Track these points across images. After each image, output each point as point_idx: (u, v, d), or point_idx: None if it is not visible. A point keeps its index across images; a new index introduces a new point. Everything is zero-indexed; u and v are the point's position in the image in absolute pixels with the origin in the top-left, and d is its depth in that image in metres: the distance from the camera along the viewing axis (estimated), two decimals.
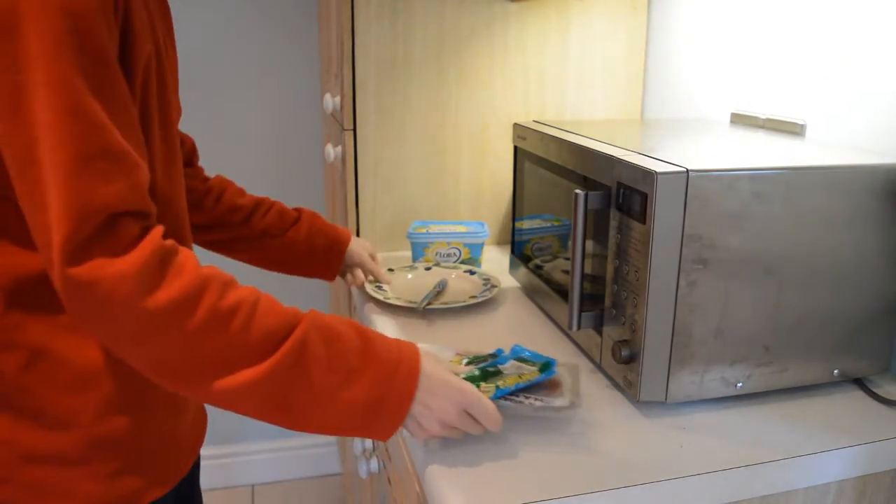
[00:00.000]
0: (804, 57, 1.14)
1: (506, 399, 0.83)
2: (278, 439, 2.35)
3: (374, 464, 1.36)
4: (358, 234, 1.51)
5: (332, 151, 1.55)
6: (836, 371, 0.93)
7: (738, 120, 1.27)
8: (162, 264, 0.65)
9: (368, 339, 0.73)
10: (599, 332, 0.96)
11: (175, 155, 0.84)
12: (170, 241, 0.67)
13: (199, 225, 1.11)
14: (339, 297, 1.84)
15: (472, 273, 1.32)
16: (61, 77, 0.61)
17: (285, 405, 0.69)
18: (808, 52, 1.13)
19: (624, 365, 0.89)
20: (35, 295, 0.73)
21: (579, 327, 0.96)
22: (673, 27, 1.47)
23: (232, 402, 0.68)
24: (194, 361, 0.66)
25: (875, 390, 0.93)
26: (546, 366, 0.88)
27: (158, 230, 0.67)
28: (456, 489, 0.74)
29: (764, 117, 1.21)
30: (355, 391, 0.70)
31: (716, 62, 1.35)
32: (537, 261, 1.20)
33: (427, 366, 0.75)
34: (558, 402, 0.84)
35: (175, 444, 0.87)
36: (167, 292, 0.64)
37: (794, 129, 1.15)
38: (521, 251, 1.27)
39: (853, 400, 0.92)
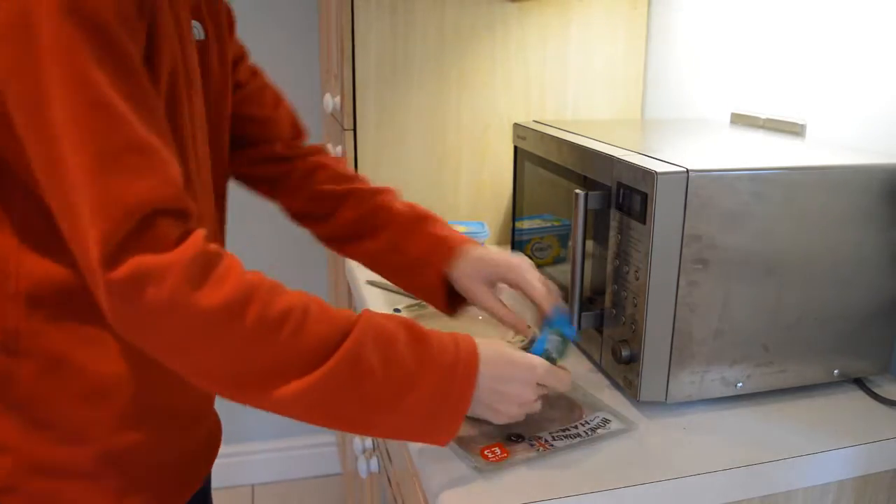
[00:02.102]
0: (804, 57, 1.14)
1: (562, 439, 0.81)
2: (278, 439, 2.35)
3: (374, 464, 1.36)
4: None
5: (332, 151, 1.55)
6: (836, 371, 0.93)
7: (738, 120, 1.27)
8: (205, 268, 0.61)
9: (424, 342, 0.70)
10: (599, 332, 0.97)
11: (202, 163, 0.80)
12: (213, 246, 0.64)
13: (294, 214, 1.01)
14: (339, 296, 1.84)
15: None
16: (77, 71, 0.58)
17: (339, 414, 0.67)
18: (808, 52, 1.13)
19: (624, 365, 0.89)
20: (56, 303, 0.70)
21: (579, 327, 0.96)
22: (673, 27, 1.47)
23: (283, 409, 0.65)
24: (243, 369, 0.63)
25: (875, 390, 0.93)
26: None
27: (200, 233, 0.63)
28: (456, 489, 0.74)
29: (764, 117, 1.21)
30: (412, 399, 0.68)
31: (716, 62, 1.35)
32: (537, 261, 1.20)
33: (487, 352, 0.73)
34: (613, 425, 0.84)
35: (189, 459, 0.85)
36: (212, 297, 0.61)
37: (794, 129, 1.15)
38: (521, 251, 1.27)
39: (853, 400, 0.92)
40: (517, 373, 0.74)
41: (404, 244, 0.94)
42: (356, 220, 0.97)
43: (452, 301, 0.95)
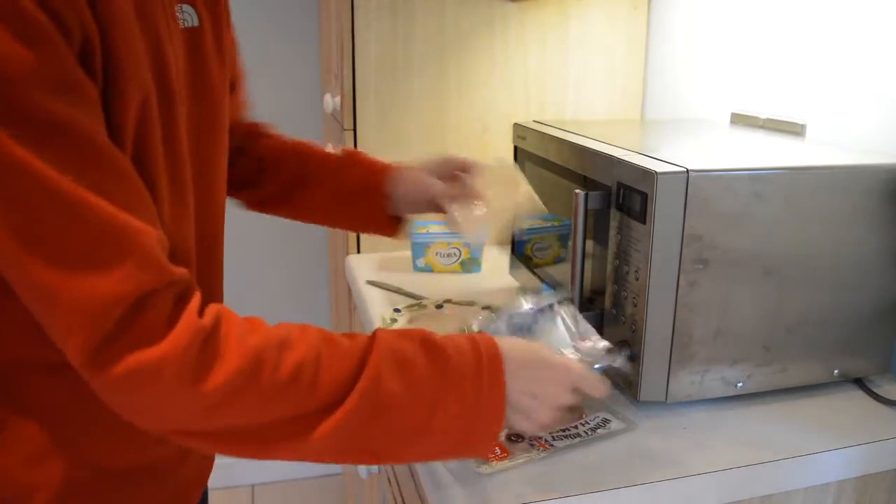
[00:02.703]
0: (804, 57, 1.14)
1: (562, 439, 0.81)
2: None
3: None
4: (358, 235, 1.50)
5: (332, 152, 1.55)
6: (836, 371, 0.93)
7: (738, 120, 1.27)
8: (203, 353, 0.57)
9: (443, 356, 0.65)
10: (600, 332, 0.96)
11: (184, 192, 0.71)
12: (207, 318, 0.58)
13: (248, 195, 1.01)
14: (339, 296, 1.84)
15: (492, 311, 1.20)
16: (9, 165, 0.50)
17: (372, 448, 0.63)
18: (808, 52, 1.13)
19: None
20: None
21: None
22: (673, 27, 1.47)
23: (313, 456, 0.62)
24: (262, 432, 0.60)
25: (875, 390, 0.93)
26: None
27: (193, 307, 0.58)
28: (456, 489, 0.74)
29: (764, 117, 1.21)
30: (442, 417, 0.63)
31: (716, 62, 1.35)
32: (537, 261, 1.20)
33: (515, 354, 0.67)
34: (613, 425, 0.84)
35: (181, 491, 0.80)
36: (216, 380, 0.57)
37: (794, 129, 1.15)
38: (521, 251, 1.27)
39: (853, 400, 0.92)
40: (554, 374, 0.69)
41: (342, 181, 0.98)
42: (288, 177, 0.98)
43: (394, 224, 0.99)
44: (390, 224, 0.99)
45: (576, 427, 0.84)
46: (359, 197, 0.98)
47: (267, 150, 1.01)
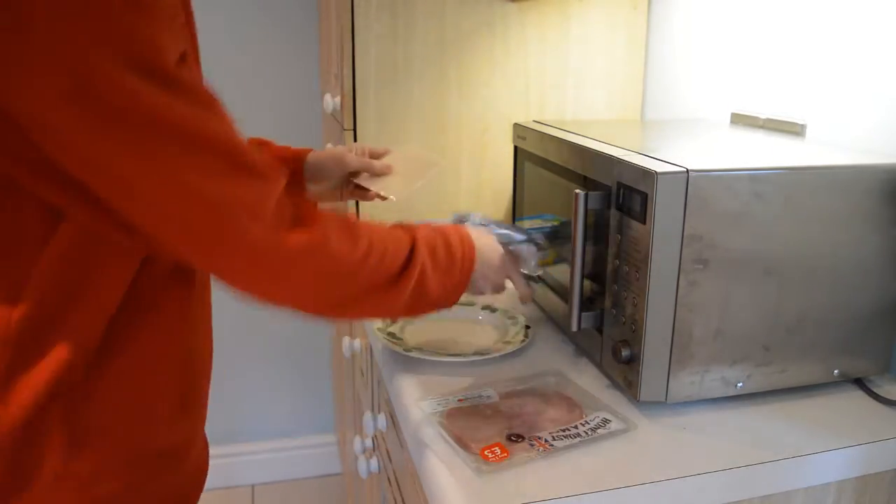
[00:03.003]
0: (804, 57, 1.14)
1: (562, 439, 0.82)
2: (278, 439, 2.35)
3: (374, 464, 1.36)
4: None
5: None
6: (836, 371, 0.93)
7: (738, 120, 1.27)
8: (293, 214, 0.70)
9: (447, 243, 0.87)
10: (599, 332, 0.96)
11: None
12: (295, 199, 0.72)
13: None
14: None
15: (492, 311, 1.20)
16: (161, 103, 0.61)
17: (420, 303, 0.84)
18: (809, 52, 1.13)
19: (624, 365, 0.89)
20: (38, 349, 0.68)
21: (579, 327, 0.96)
22: (673, 27, 1.47)
23: (381, 314, 0.94)
24: (341, 297, 0.77)
25: (875, 390, 0.93)
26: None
27: (280, 184, 0.70)
28: (456, 489, 0.74)
29: (764, 117, 1.21)
30: (448, 281, 0.86)
31: (716, 62, 1.35)
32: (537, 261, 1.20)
33: (481, 244, 0.92)
34: (613, 425, 0.84)
35: (177, 493, 0.81)
36: (300, 236, 0.70)
37: (794, 129, 1.15)
38: None
39: (853, 400, 0.92)
40: (499, 257, 0.95)
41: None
42: None
43: None
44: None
45: (575, 427, 0.84)
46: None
47: None
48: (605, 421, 0.85)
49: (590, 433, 0.83)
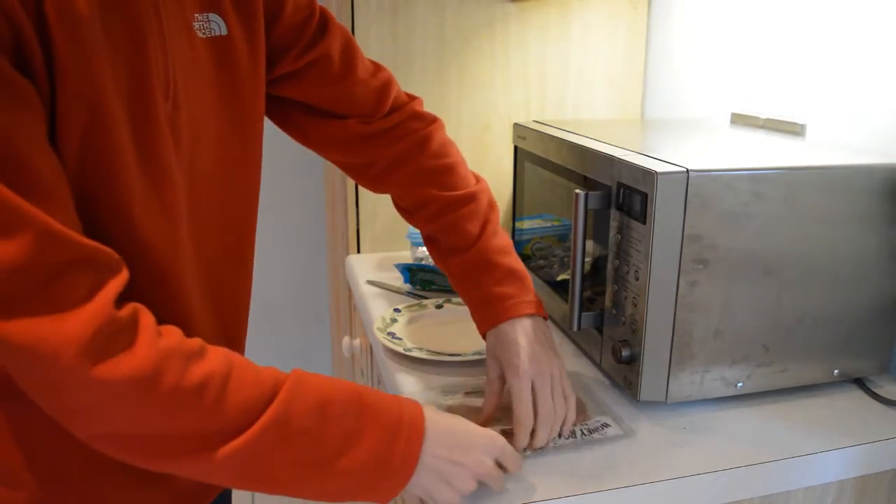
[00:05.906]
0: (804, 57, 1.14)
1: (561, 439, 0.82)
2: None
3: None
4: (358, 235, 1.50)
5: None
6: (836, 371, 0.93)
7: (738, 120, 1.27)
8: (113, 336, 0.56)
9: (364, 401, 0.66)
10: (599, 332, 0.97)
11: (165, 188, 0.67)
12: (125, 310, 0.58)
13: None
14: (340, 296, 1.84)
15: None
16: None
17: (273, 477, 0.62)
18: (808, 52, 1.13)
19: (624, 365, 0.89)
20: None
21: (579, 327, 0.96)
22: (673, 27, 1.47)
23: (210, 476, 0.62)
24: (161, 442, 0.59)
25: (875, 390, 0.93)
26: None
27: (110, 292, 0.57)
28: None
29: (764, 117, 1.21)
30: (351, 458, 0.63)
31: (716, 62, 1.35)
32: (537, 261, 1.20)
33: (439, 419, 0.69)
34: (611, 431, 0.84)
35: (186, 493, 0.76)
36: (120, 369, 0.56)
37: (794, 129, 1.15)
38: (521, 251, 1.27)
39: (853, 400, 0.92)
40: (478, 441, 0.70)
41: (463, 285, 0.91)
42: (432, 232, 0.94)
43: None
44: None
45: (576, 428, 0.84)
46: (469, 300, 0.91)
47: (405, 184, 0.95)
48: (605, 426, 0.85)
49: (590, 434, 0.83)
